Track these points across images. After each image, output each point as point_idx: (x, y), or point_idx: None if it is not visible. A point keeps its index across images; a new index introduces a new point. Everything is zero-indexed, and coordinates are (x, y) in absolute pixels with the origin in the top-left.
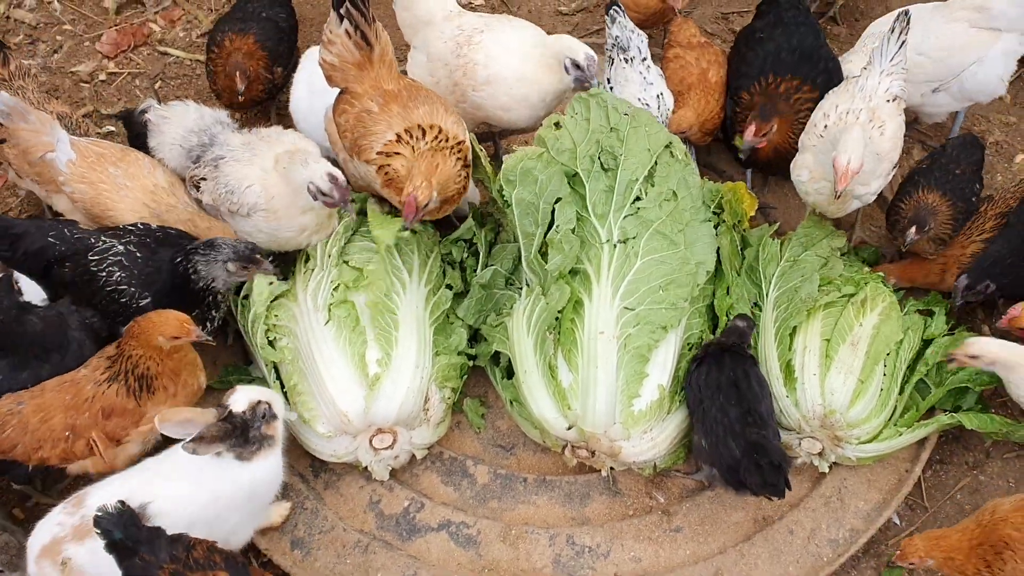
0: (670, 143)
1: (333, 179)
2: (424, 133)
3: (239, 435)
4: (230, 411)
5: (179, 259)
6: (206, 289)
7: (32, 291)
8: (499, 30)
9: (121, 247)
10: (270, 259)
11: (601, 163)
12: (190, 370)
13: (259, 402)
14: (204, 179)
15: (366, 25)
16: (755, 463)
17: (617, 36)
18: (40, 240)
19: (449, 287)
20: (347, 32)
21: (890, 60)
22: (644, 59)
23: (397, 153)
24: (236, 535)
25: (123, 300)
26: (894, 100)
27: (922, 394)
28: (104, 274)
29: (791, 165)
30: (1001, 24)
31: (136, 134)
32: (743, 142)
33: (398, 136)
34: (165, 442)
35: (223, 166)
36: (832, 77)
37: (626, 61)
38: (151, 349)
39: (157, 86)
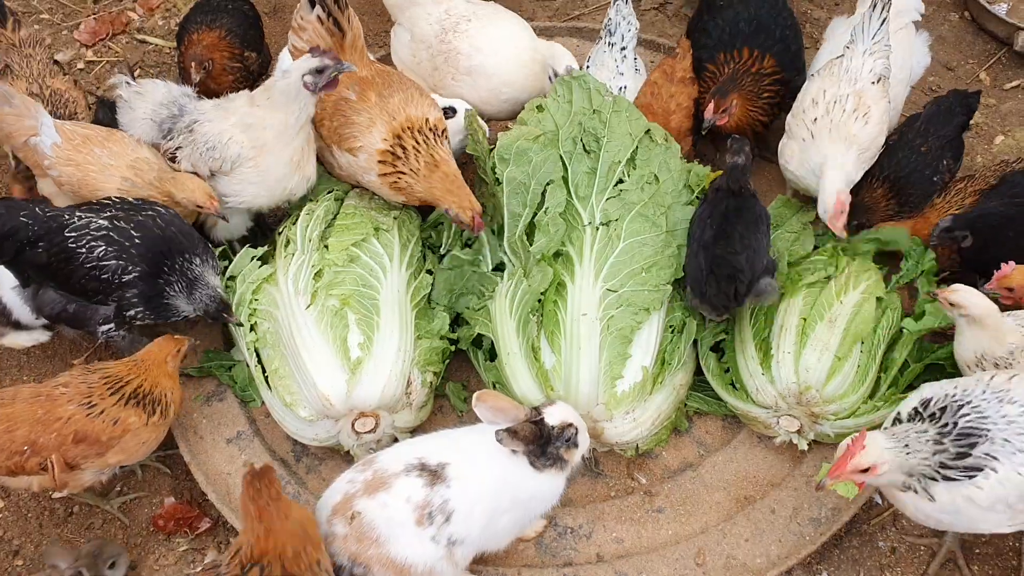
0: (650, 128)
1: (317, 52)
2: (406, 143)
3: (541, 445)
4: (543, 419)
5: (160, 280)
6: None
7: (17, 306)
8: (487, 21)
9: (104, 221)
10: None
11: (583, 145)
12: (178, 405)
13: (570, 424)
14: (180, 147)
15: (339, 12)
16: (715, 275)
17: (610, 19)
18: (12, 220)
19: (430, 272)
20: (319, 18)
21: (872, 38)
22: (623, 48)
23: (401, 172)
24: (499, 539)
25: (104, 276)
26: (879, 81)
27: (901, 371)
28: (84, 250)
29: (779, 147)
30: None
31: (103, 120)
32: (705, 119)
33: (388, 154)
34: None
35: (197, 128)
36: (789, 46)
37: (608, 45)
38: (163, 376)
39: (136, 74)
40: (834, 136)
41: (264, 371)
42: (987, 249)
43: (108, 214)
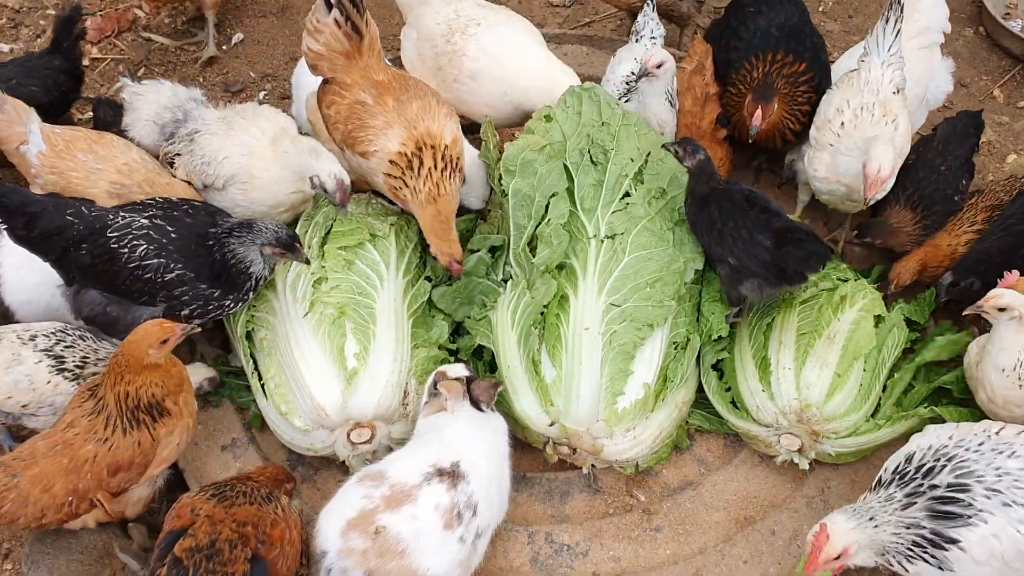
0: (660, 144)
1: (340, 183)
2: (422, 163)
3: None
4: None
5: (212, 243)
6: (245, 272)
7: (14, 284)
8: (497, 25)
9: (145, 220)
10: None
11: (591, 157)
12: (188, 388)
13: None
14: (179, 155)
15: (357, 15)
16: (792, 242)
17: (638, 22)
18: (58, 219)
19: (428, 279)
20: (336, 22)
21: (888, 50)
22: (653, 38)
23: (405, 184)
24: (502, 497)
25: (147, 276)
26: (898, 92)
27: (906, 393)
28: (126, 250)
29: (805, 160)
30: None
31: (103, 119)
32: (751, 126)
33: (403, 157)
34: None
35: (198, 139)
36: (819, 54)
37: (636, 40)
38: (146, 371)
39: (140, 73)
40: (869, 131)
41: (261, 379)
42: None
43: (149, 213)
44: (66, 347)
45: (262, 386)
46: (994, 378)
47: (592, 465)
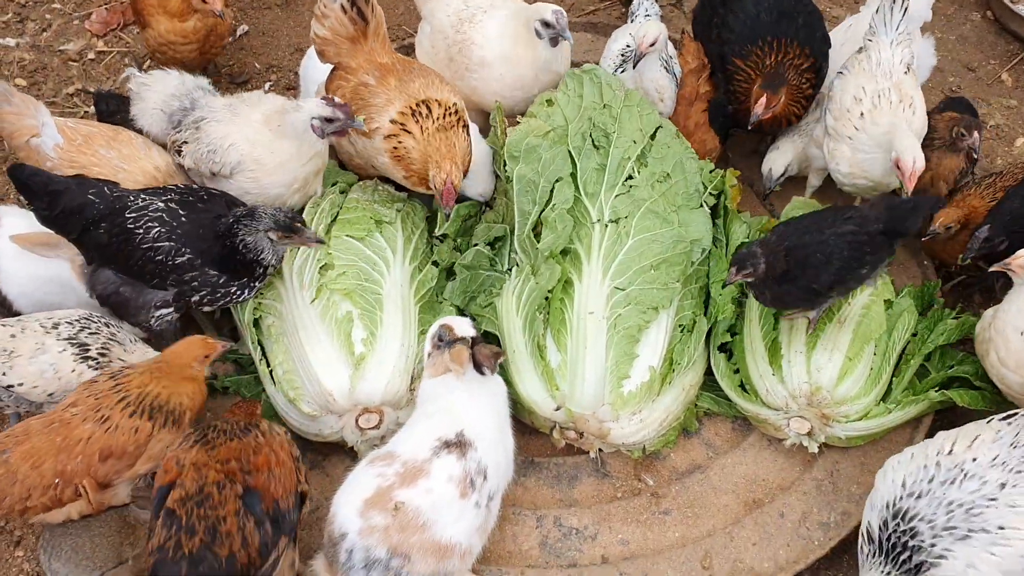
0: (663, 123)
1: (331, 103)
2: (430, 110)
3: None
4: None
5: (222, 231)
6: (256, 261)
7: (10, 275)
8: (501, 8)
9: (161, 203)
10: None
11: (593, 141)
12: (202, 411)
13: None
14: (186, 142)
15: (363, 1)
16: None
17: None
18: (80, 197)
19: (435, 263)
20: (342, 7)
21: (895, 28)
22: (647, 15)
23: (406, 131)
24: (508, 458)
25: (159, 258)
26: (908, 71)
27: (920, 378)
28: (141, 231)
29: (825, 151)
30: None
31: (106, 112)
32: (753, 113)
33: (409, 109)
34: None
35: (204, 127)
36: (814, 31)
37: (630, 21)
38: (184, 382)
39: (146, 66)
40: (887, 122)
41: (268, 365)
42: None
43: (167, 197)
44: (90, 334)
45: (270, 373)
46: (1012, 337)
47: (600, 449)
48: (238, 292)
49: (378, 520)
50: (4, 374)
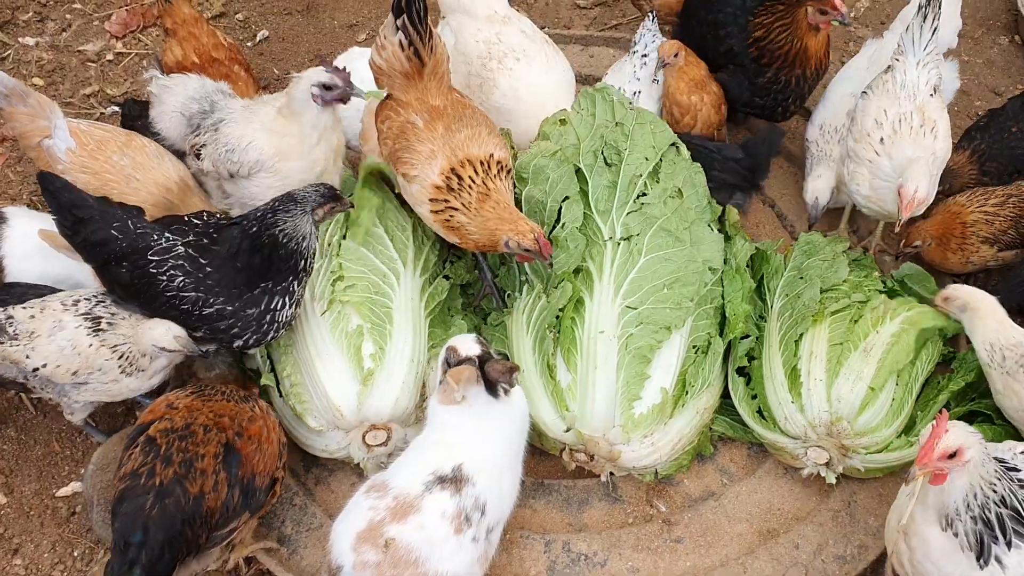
0: (676, 142)
1: (330, 69)
2: (461, 181)
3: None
4: (469, 357)
5: (254, 230)
6: (297, 252)
7: (20, 277)
8: (535, 59)
9: (182, 249)
10: None
11: (604, 158)
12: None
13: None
14: (205, 145)
15: (420, 43)
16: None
17: (637, 33)
18: (104, 231)
19: (447, 277)
20: (400, 44)
21: (924, 49)
22: (644, 56)
23: (452, 208)
24: (514, 483)
25: (184, 307)
26: (935, 93)
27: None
28: (164, 278)
29: (846, 172)
30: None
31: (128, 116)
32: (839, 13)
33: (444, 181)
34: None
35: (223, 128)
36: None
37: (631, 53)
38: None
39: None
40: (908, 149)
41: (277, 377)
42: None
43: (189, 239)
44: (104, 307)
45: (278, 385)
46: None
47: (611, 473)
48: (280, 305)
49: (370, 556)
50: (28, 356)
